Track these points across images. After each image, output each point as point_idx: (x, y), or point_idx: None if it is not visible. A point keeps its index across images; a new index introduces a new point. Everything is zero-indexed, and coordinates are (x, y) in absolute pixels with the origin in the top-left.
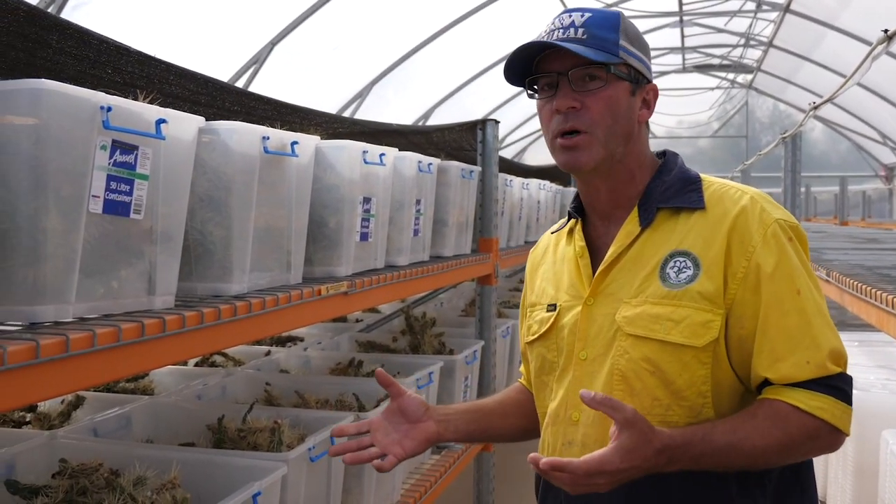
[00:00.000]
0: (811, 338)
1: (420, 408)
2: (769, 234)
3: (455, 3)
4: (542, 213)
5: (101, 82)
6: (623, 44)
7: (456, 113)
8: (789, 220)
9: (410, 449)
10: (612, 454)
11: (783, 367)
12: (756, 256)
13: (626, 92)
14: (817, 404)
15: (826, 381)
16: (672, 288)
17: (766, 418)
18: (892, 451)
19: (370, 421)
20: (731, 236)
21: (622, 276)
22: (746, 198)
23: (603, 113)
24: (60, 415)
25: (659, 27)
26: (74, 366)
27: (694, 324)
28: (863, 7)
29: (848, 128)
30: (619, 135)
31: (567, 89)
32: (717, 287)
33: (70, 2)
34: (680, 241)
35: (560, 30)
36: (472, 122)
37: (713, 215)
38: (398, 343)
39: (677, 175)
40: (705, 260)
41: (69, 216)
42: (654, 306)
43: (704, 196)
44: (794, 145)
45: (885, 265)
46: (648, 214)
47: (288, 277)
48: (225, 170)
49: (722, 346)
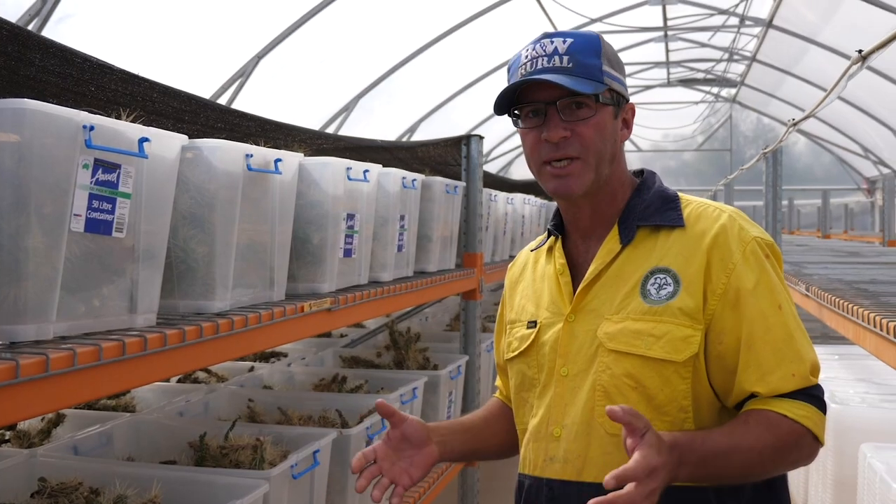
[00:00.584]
0: (795, 351)
1: (422, 432)
2: (748, 252)
3: (441, 17)
4: (527, 227)
5: (85, 100)
6: (606, 69)
7: (442, 126)
8: (766, 238)
9: (417, 477)
10: (648, 451)
11: (772, 380)
12: (736, 273)
13: (611, 116)
14: (803, 413)
15: (808, 391)
16: (653, 304)
17: (757, 424)
18: (870, 465)
19: (375, 449)
20: (711, 253)
21: (603, 292)
22: (725, 216)
23: (594, 139)
24: (40, 433)
25: (644, 41)
26: (54, 385)
27: (675, 339)
28: (844, 23)
29: (831, 141)
30: (606, 158)
31: (556, 119)
32: (696, 303)
33: (54, 15)
34: (660, 259)
35: (544, 57)
36: (457, 137)
37: (692, 233)
38: (382, 358)
39: (656, 193)
40: (685, 276)
41: (51, 235)
42: (635, 322)
43: (683, 214)
44: (775, 160)
45: (863, 279)
46: (629, 232)
47: (271, 294)
48: (208, 187)
49: (701, 361)
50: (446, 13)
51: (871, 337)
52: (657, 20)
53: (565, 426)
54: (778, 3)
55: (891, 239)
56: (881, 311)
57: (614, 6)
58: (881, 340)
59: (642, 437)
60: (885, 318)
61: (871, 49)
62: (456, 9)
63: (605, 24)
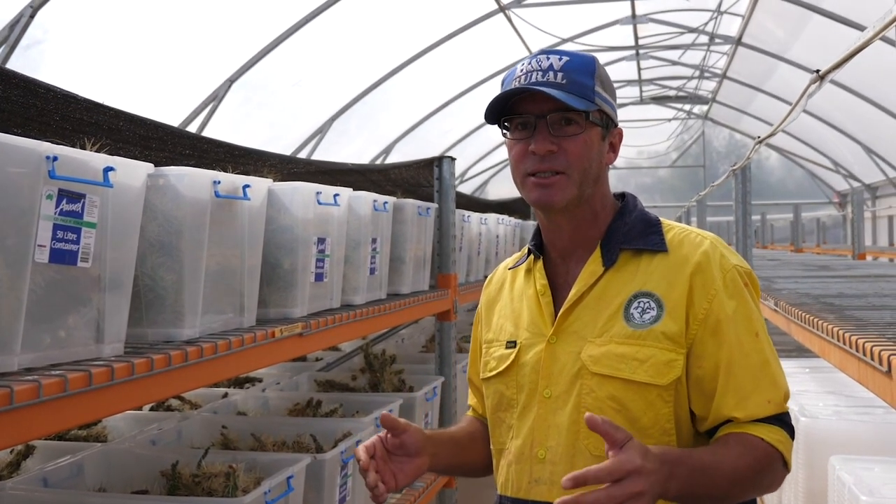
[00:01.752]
0: (771, 378)
1: (420, 443)
2: (729, 280)
3: (414, 39)
4: (502, 246)
5: (49, 130)
6: (598, 90)
7: (418, 146)
8: (745, 267)
9: (402, 484)
10: (629, 454)
11: (749, 406)
12: (718, 300)
13: (599, 136)
14: (776, 437)
15: (780, 417)
16: (636, 328)
17: (737, 445)
18: (839, 477)
19: (374, 446)
20: (694, 279)
21: (586, 314)
22: (707, 243)
23: (580, 156)
24: (9, 465)
25: (616, 60)
26: (20, 418)
27: (658, 363)
28: (811, 39)
29: (802, 156)
30: (591, 177)
31: (545, 133)
32: (679, 327)
33: (22, 41)
34: (644, 283)
35: (539, 72)
36: (429, 159)
37: (675, 258)
38: (358, 381)
39: (638, 217)
40: (668, 301)
41: (14, 266)
42: (619, 346)
43: (666, 239)
44: (744, 177)
45: (830, 293)
46: (612, 255)
47: (242, 320)
48: (175, 214)
49: (683, 384)
50: (419, 35)
51: (835, 351)
52: (629, 39)
53: (549, 448)
54: (747, 21)
55: (860, 252)
56: (845, 325)
57: (586, 26)
58: (845, 354)
59: (622, 447)
60: (847, 333)
61: (828, 68)
62: (429, 30)
63: (576, 43)
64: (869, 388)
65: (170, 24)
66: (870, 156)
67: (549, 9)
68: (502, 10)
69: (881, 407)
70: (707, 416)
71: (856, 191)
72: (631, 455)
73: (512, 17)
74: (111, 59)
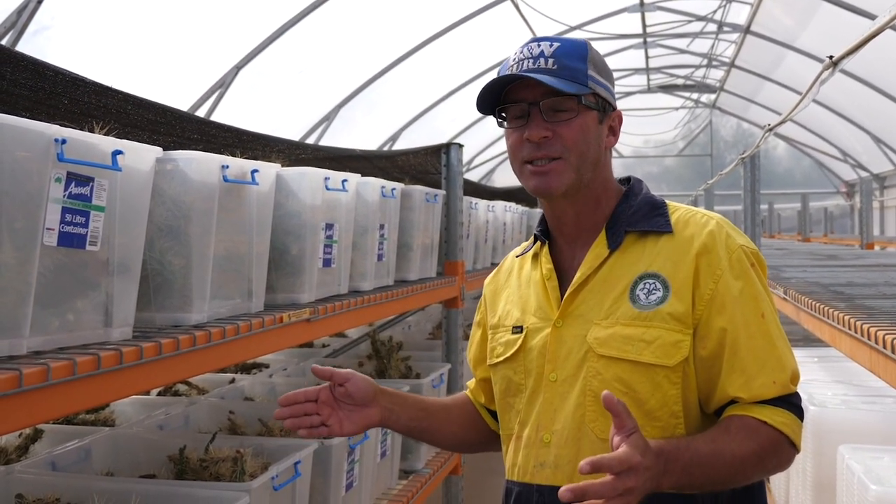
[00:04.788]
0: (776, 359)
1: (369, 392)
2: (735, 259)
3: (422, 25)
4: (509, 234)
5: (58, 113)
6: (591, 74)
7: (425, 134)
8: (751, 247)
9: (349, 431)
10: (631, 449)
11: (754, 387)
12: (724, 280)
13: (595, 120)
14: (782, 420)
15: (787, 398)
16: (643, 309)
17: (739, 430)
18: (848, 466)
19: (318, 390)
20: (700, 259)
21: (591, 297)
22: (713, 223)
23: (576, 140)
24: (18, 449)
25: (623, 48)
26: (28, 401)
27: (665, 344)
28: (820, 27)
29: (810, 146)
30: (589, 161)
31: (539, 119)
32: (686, 308)
33: (30, 27)
34: (649, 264)
35: (530, 59)
36: (437, 146)
37: (680, 239)
38: (365, 368)
39: (644, 200)
40: (674, 282)
41: (23, 249)
42: (625, 327)
43: (671, 220)
44: (753, 165)
45: (839, 282)
46: (617, 237)
47: (249, 305)
48: (184, 199)
49: (691, 365)
50: (427, 22)
51: (846, 339)
52: (636, 27)
53: (555, 432)
54: (755, 9)
55: (868, 242)
56: (856, 313)
57: (593, 14)
58: (856, 342)
59: (629, 436)
60: (859, 321)
61: (841, 54)
62: (437, 17)
63: (584, 31)
64: (880, 376)
65: (177, 11)
66: (878, 145)
67: None
68: None
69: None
70: (713, 396)
71: (864, 180)
72: (632, 450)
73: (519, 5)
74: (118, 46)
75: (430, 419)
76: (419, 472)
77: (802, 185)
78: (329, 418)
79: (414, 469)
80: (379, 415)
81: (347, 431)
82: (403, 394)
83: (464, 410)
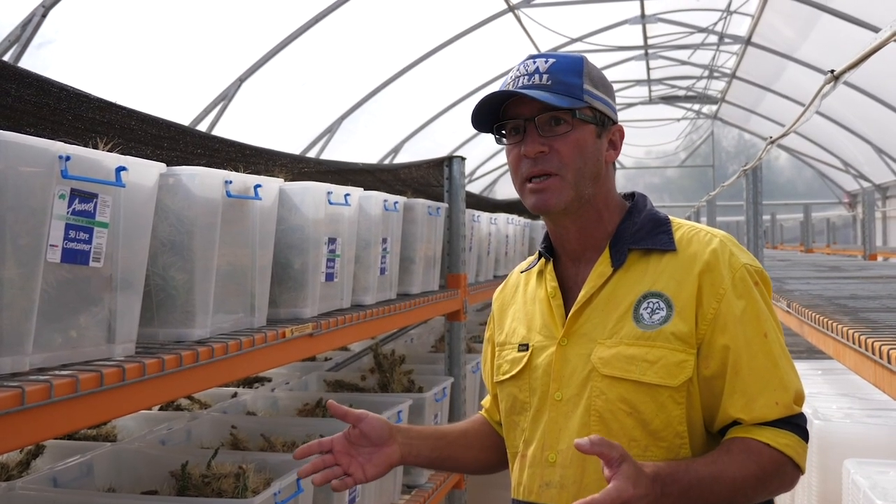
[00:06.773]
0: (779, 379)
1: (384, 431)
2: (738, 279)
3: (423, 38)
4: (511, 246)
5: (62, 129)
6: (587, 88)
7: (426, 146)
8: (755, 265)
9: (372, 475)
10: (622, 483)
11: (755, 408)
12: (726, 299)
13: (592, 134)
14: (785, 441)
15: (790, 419)
16: (646, 329)
17: (740, 453)
18: (854, 481)
19: (332, 440)
20: (703, 278)
21: (595, 316)
22: (716, 241)
23: (572, 155)
24: (19, 464)
25: (625, 60)
26: (31, 418)
27: (669, 364)
28: (821, 39)
29: (812, 156)
30: (587, 176)
31: (534, 134)
32: (689, 327)
33: (34, 41)
34: (653, 283)
35: (525, 76)
36: (439, 159)
37: (684, 257)
38: (367, 381)
39: (647, 217)
40: (678, 301)
41: (26, 266)
42: (628, 347)
43: (675, 238)
44: (755, 177)
45: (843, 295)
46: (620, 255)
47: (252, 320)
48: (187, 214)
49: (695, 385)
50: (429, 34)
51: (850, 353)
52: (637, 39)
53: (560, 451)
54: (756, 21)
55: (871, 252)
56: (859, 326)
57: (595, 26)
58: (860, 357)
59: (619, 466)
60: (863, 335)
61: (843, 69)
62: (439, 30)
63: (585, 43)
64: (885, 391)
65: (180, 24)
66: (880, 156)
67: (557, 8)
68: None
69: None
70: (716, 417)
71: (866, 191)
72: (624, 483)
73: (521, 17)
74: (122, 59)
75: (451, 447)
76: (422, 486)
77: (805, 195)
78: (349, 467)
79: (417, 484)
80: (399, 452)
81: (371, 476)
82: (418, 427)
83: (481, 433)
